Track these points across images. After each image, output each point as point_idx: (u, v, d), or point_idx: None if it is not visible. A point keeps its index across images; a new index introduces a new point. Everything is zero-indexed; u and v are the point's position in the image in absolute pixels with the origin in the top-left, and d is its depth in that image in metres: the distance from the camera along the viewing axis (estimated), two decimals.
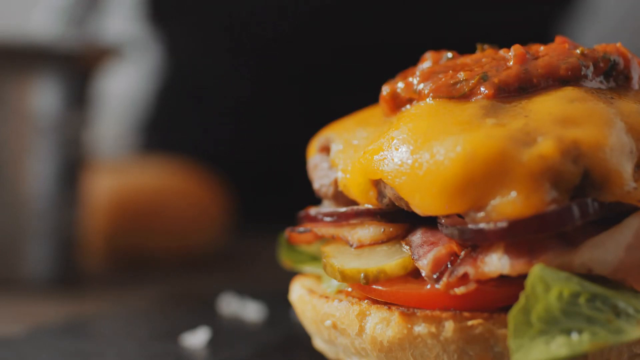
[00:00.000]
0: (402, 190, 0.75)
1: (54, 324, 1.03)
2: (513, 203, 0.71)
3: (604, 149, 0.73)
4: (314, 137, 0.92)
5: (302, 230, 0.87)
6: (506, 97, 0.78)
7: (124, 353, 0.91)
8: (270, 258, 1.18)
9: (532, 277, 0.70)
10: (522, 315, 0.68)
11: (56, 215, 1.26)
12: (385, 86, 0.84)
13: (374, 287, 0.78)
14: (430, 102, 0.79)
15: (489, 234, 0.72)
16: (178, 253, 1.50)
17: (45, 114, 1.25)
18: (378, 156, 0.78)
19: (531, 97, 0.78)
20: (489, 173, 0.72)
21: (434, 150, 0.74)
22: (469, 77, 0.79)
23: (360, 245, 0.81)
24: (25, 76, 1.24)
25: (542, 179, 0.71)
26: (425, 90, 0.80)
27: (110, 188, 1.48)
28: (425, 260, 0.76)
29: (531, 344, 0.68)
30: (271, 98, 1.81)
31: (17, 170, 1.24)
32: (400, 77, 0.84)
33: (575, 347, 0.67)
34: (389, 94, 0.83)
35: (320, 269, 0.87)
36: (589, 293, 0.70)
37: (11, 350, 0.91)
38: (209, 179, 1.62)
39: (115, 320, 1.08)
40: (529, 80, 0.78)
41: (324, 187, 0.86)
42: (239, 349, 0.93)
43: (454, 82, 0.79)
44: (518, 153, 0.72)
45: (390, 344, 0.76)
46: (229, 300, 1.11)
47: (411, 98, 0.81)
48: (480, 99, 0.78)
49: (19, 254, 1.25)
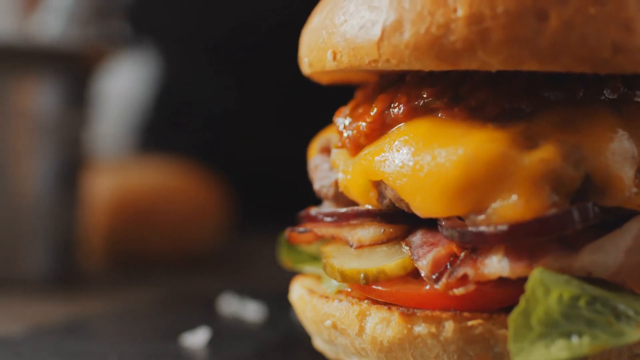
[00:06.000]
0: (403, 192, 0.75)
1: (54, 324, 1.03)
2: (514, 206, 0.71)
3: (606, 153, 0.73)
4: (314, 138, 0.92)
5: (302, 230, 0.87)
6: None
7: (124, 353, 0.91)
8: (270, 258, 1.18)
9: (532, 280, 0.70)
10: (522, 319, 0.68)
11: (56, 215, 1.26)
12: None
13: (374, 287, 0.78)
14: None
15: (489, 237, 0.72)
16: (178, 253, 1.50)
17: (45, 114, 1.25)
18: (379, 157, 0.78)
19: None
20: (490, 176, 0.72)
21: (436, 152, 0.74)
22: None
23: (360, 246, 0.81)
24: (25, 76, 1.24)
25: (543, 182, 0.71)
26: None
27: (110, 188, 1.49)
28: (425, 261, 0.76)
29: (531, 347, 0.67)
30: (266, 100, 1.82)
31: (17, 170, 1.24)
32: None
33: (576, 350, 0.67)
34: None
35: (320, 269, 0.87)
36: (589, 296, 0.70)
37: (11, 350, 0.91)
38: (208, 179, 1.62)
39: (115, 320, 1.08)
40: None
41: (325, 187, 0.86)
42: (239, 349, 0.93)
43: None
44: (519, 156, 0.72)
45: (390, 344, 0.76)
46: (229, 300, 1.11)
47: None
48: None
49: (19, 254, 1.25)
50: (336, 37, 0.79)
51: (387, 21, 0.75)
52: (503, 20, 0.72)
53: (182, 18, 1.88)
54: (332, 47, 0.79)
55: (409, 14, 0.74)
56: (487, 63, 0.72)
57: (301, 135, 1.13)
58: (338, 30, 0.79)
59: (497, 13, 0.72)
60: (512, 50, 0.72)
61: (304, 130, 1.12)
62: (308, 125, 1.09)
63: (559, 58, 0.72)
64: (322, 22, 0.81)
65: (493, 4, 0.72)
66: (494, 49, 0.72)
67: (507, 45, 0.72)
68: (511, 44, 0.72)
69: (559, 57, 0.72)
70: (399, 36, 0.74)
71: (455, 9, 0.73)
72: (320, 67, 0.81)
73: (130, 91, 2.07)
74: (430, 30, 0.73)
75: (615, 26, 0.72)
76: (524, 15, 0.72)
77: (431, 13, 0.74)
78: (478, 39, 0.72)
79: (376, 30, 0.76)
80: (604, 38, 0.72)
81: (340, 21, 0.79)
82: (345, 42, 0.78)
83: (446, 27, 0.73)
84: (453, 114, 0.76)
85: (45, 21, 1.29)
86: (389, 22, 0.75)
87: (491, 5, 0.72)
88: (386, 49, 0.75)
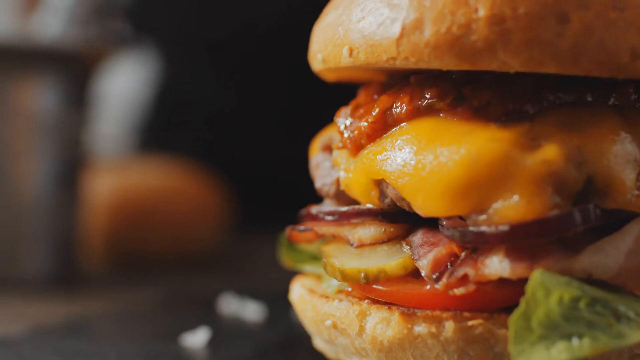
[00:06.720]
0: (405, 191, 0.75)
1: (54, 324, 1.03)
2: (515, 207, 0.71)
3: (608, 155, 0.73)
4: (314, 138, 0.92)
5: (302, 229, 0.87)
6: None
7: (124, 353, 0.91)
8: (270, 258, 1.18)
9: (533, 282, 0.70)
10: (523, 321, 0.68)
11: (56, 215, 1.26)
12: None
13: (374, 287, 0.78)
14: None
15: (490, 237, 0.72)
16: (178, 253, 1.50)
17: (45, 114, 1.25)
18: (381, 156, 0.77)
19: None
20: (492, 176, 0.72)
21: (438, 151, 0.74)
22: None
23: (361, 245, 0.81)
24: (25, 76, 1.24)
25: (545, 183, 0.71)
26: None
27: (110, 188, 1.49)
28: (425, 261, 0.76)
29: (532, 349, 0.67)
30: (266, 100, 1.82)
31: (17, 170, 1.24)
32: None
33: (576, 352, 0.67)
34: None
35: (320, 268, 0.87)
36: (590, 297, 0.70)
37: (11, 350, 0.91)
38: (208, 179, 1.62)
39: (115, 320, 1.08)
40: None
41: (326, 186, 0.86)
42: (239, 349, 0.93)
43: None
44: (522, 157, 0.72)
45: (391, 344, 0.76)
46: (229, 300, 1.11)
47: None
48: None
49: (19, 254, 1.25)
50: (353, 34, 0.79)
51: (407, 19, 0.75)
52: (524, 21, 0.72)
53: (182, 18, 1.88)
54: (349, 43, 0.79)
55: (429, 12, 0.74)
56: (507, 64, 0.73)
57: (301, 136, 1.13)
58: (355, 26, 0.79)
59: (518, 14, 0.72)
60: (532, 51, 0.72)
61: (304, 130, 1.12)
62: (308, 126, 1.09)
63: (578, 61, 0.72)
64: (339, 19, 0.81)
65: (514, 5, 0.72)
66: (514, 50, 0.72)
67: (527, 47, 0.72)
68: (532, 45, 0.72)
69: (578, 61, 0.72)
70: (419, 34, 0.74)
71: (476, 9, 0.73)
72: (334, 63, 0.81)
73: (130, 91, 2.07)
74: (451, 29, 0.73)
75: (634, 32, 0.72)
76: (545, 17, 0.72)
77: (452, 12, 0.74)
78: (499, 40, 0.72)
79: (396, 27, 0.76)
80: (623, 43, 0.72)
81: (358, 18, 0.79)
82: (363, 38, 0.78)
83: (467, 26, 0.73)
84: (456, 114, 0.76)
85: (45, 21, 1.29)
86: (409, 20, 0.75)
87: (512, 6, 0.72)
88: (405, 47, 0.75)
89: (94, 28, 1.30)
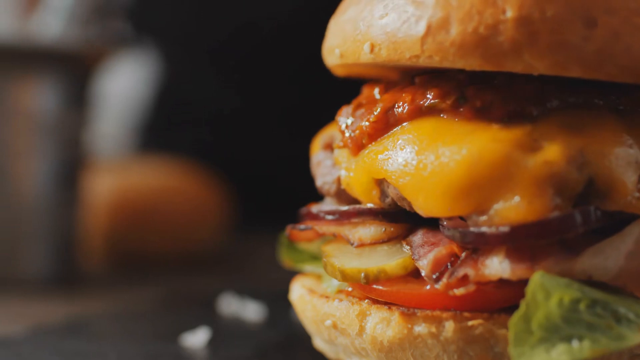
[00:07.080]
0: (406, 191, 0.75)
1: (54, 324, 1.03)
2: (516, 208, 0.71)
3: (610, 157, 0.73)
4: (314, 138, 0.92)
5: (303, 228, 0.87)
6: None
7: (124, 353, 0.91)
8: (270, 258, 1.18)
9: (533, 284, 0.69)
10: (523, 323, 0.68)
11: (56, 215, 1.26)
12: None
13: (375, 286, 0.78)
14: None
15: (491, 238, 0.72)
16: (178, 253, 1.50)
17: (45, 114, 1.25)
18: (382, 155, 0.77)
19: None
20: (494, 177, 0.72)
21: (439, 151, 0.74)
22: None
23: (361, 244, 0.81)
24: (25, 76, 1.24)
25: (546, 185, 0.71)
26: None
27: (110, 188, 1.48)
28: (426, 261, 0.76)
29: (532, 352, 0.67)
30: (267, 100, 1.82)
31: (17, 170, 1.24)
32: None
33: (576, 354, 0.67)
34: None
35: (320, 268, 0.87)
36: (590, 299, 0.70)
37: (11, 350, 0.91)
38: (208, 179, 1.62)
39: (115, 320, 1.08)
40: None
41: (327, 184, 0.86)
42: (239, 349, 0.93)
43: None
44: (523, 158, 0.72)
45: (391, 344, 0.76)
46: (229, 300, 1.11)
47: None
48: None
49: (19, 254, 1.25)
50: (375, 30, 0.78)
51: (433, 18, 0.75)
52: (552, 24, 0.72)
53: (182, 18, 1.89)
54: (371, 39, 0.78)
55: (456, 12, 0.74)
56: (532, 66, 0.72)
57: (301, 136, 1.13)
58: (377, 23, 0.78)
59: (546, 17, 0.72)
60: (558, 55, 0.72)
61: (304, 130, 1.12)
62: (308, 126, 1.09)
63: (603, 66, 0.72)
64: (360, 14, 0.81)
65: (542, 7, 0.72)
66: (540, 53, 0.72)
67: (554, 50, 0.72)
68: (558, 48, 0.72)
69: (603, 66, 0.72)
70: (444, 34, 0.74)
71: (504, 10, 0.73)
72: (353, 59, 0.81)
73: (130, 91, 2.07)
74: (478, 29, 0.73)
75: None
76: (572, 21, 0.72)
77: (480, 12, 0.73)
78: (526, 41, 0.72)
79: (421, 26, 0.75)
80: None
81: (381, 14, 0.78)
82: (386, 35, 0.77)
83: (494, 27, 0.73)
84: (458, 115, 0.76)
85: (45, 21, 1.29)
86: (435, 19, 0.75)
87: (540, 8, 0.72)
88: (430, 46, 0.75)
89: (94, 28, 1.30)
